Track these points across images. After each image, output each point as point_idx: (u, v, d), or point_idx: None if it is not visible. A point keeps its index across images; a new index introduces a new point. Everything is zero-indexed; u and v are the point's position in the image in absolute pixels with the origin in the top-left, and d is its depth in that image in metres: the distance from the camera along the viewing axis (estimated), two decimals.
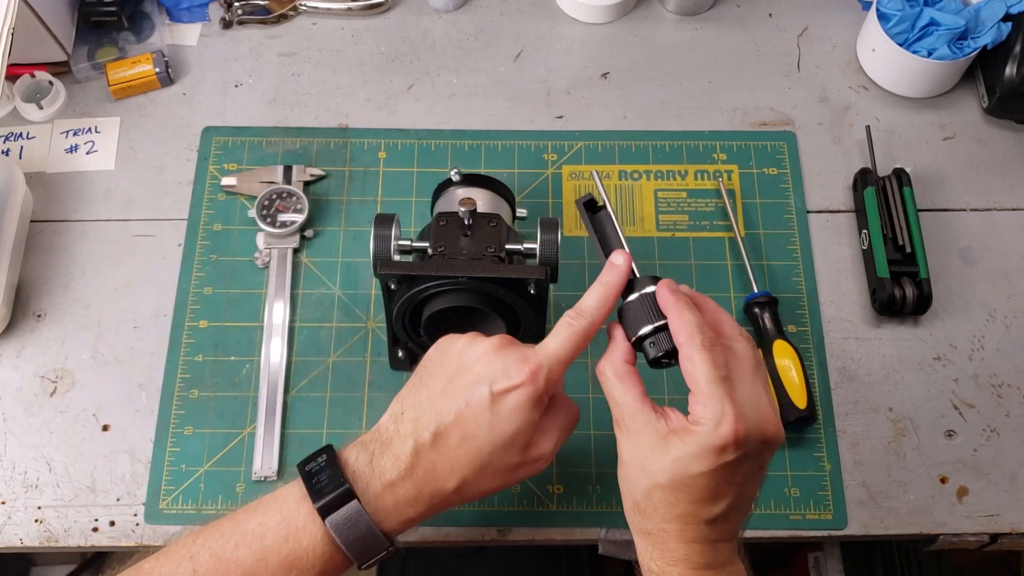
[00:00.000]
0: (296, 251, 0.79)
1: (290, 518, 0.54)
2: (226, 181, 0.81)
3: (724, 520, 0.51)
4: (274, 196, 0.80)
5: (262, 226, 0.78)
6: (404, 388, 0.57)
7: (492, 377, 0.54)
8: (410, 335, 0.69)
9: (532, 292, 0.64)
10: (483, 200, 0.70)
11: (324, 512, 0.53)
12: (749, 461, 0.51)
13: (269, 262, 0.78)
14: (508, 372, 0.54)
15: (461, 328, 0.70)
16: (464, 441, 0.54)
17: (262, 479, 0.70)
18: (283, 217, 0.79)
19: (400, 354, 0.73)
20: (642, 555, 0.54)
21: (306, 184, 0.82)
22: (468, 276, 0.63)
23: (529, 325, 0.67)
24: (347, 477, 0.54)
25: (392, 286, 0.64)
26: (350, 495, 0.53)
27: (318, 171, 0.82)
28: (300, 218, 0.79)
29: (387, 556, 0.55)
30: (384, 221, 0.66)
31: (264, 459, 0.71)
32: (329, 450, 0.55)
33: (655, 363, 0.56)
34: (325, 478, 0.54)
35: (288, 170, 0.82)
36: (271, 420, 0.72)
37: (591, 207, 0.61)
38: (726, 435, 0.49)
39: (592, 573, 1.12)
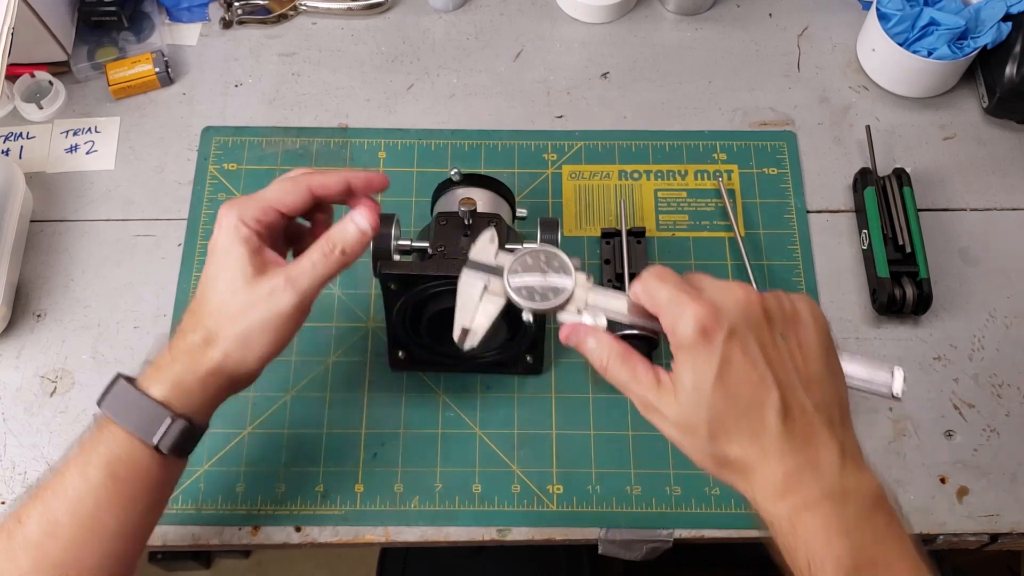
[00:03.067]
0: None
1: (81, 444, 0.55)
2: None
3: (796, 409, 0.46)
4: None
5: None
6: None
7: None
8: (410, 335, 0.69)
9: None
10: (483, 200, 0.70)
11: (99, 402, 0.55)
12: (752, 334, 0.46)
13: None
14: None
15: None
16: (199, 297, 0.57)
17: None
18: None
19: (400, 354, 0.73)
20: (762, 499, 0.46)
21: None
22: None
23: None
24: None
25: (392, 286, 0.64)
26: (117, 379, 0.56)
27: None
28: None
29: (176, 429, 0.55)
30: (384, 221, 0.66)
31: None
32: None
33: None
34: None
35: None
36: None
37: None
38: (696, 316, 0.46)
39: (592, 573, 1.12)
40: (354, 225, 0.58)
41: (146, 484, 0.55)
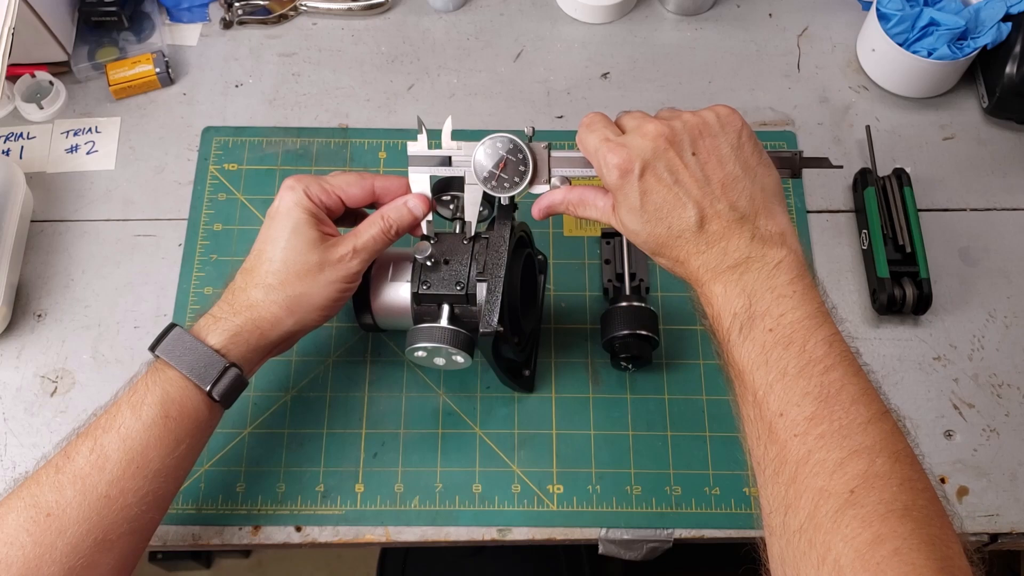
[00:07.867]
0: None
1: (134, 386, 0.58)
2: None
3: (711, 215, 0.54)
4: None
5: None
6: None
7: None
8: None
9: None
10: None
11: (153, 348, 0.59)
12: (661, 163, 0.54)
13: None
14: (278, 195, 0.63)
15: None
16: (256, 256, 0.62)
17: None
18: None
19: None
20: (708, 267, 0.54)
21: None
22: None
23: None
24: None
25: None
26: (172, 327, 0.59)
27: None
28: None
29: (229, 377, 0.59)
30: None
31: None
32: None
33: (617, 360, 0.71)
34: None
35: None
36: None
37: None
38: (614, 162, 0.54)
39: (592, 573, 1.12)
40: (408, 209, 0.64)
41: (193, 427, 0.59)
